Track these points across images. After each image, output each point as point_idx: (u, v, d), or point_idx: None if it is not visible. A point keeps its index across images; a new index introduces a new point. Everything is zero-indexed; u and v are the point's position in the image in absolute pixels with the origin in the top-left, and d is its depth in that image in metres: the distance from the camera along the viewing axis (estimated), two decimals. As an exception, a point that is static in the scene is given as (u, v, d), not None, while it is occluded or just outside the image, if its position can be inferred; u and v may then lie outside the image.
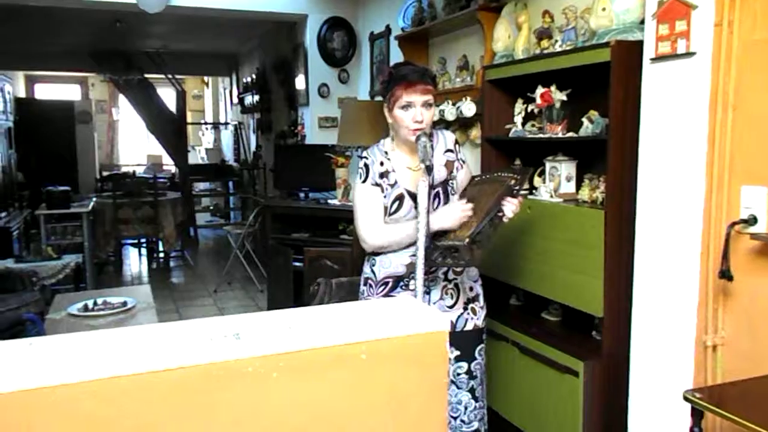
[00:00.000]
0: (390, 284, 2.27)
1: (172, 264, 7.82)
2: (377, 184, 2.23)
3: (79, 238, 6.14)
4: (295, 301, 4.46)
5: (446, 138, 2.33)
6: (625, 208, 2.32)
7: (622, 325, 2.35)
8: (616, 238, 2.35)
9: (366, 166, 2.25)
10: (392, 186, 2.22)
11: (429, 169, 2.01)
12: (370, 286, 2.31)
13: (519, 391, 2.76)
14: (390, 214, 2.23)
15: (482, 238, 2.03)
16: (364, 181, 2.25)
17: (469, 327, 2.30)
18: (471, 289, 2.33)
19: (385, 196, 2.23)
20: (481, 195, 2.13)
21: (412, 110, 2.12)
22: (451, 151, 2.31)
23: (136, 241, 8.06)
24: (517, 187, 2.09)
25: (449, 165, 2.28)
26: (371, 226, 2.22)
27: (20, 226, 6.17)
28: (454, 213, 2.08)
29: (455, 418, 2.30)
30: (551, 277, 2.66)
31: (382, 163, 2.24)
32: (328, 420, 1.16)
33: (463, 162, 2.34)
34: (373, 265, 2.30)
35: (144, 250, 8.22)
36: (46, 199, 6.18)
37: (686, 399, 1.61)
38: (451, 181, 2.28)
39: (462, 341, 2.28)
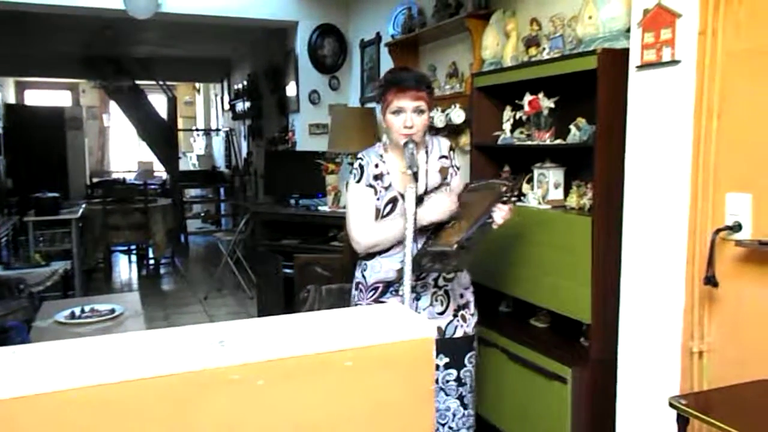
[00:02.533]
0: (380, 289, 2.27)
1: (162, 271, 7.78)
2: (371, 186, 2.23)
3: (68, 245, 6.10)
4: (286, 308, 4.45)
5: (441, 144, 2.34)
6: (612, 215, 2.34)
7: (610, 331, 2.36)
8: (603, 244, 2.36)
9: (361, 166, 2.25)
10: (386, 188, 2.23)
11: (416, 176, 2.02)
12: (361, 291, 2.31)
13: (507, 398, 2.77)
14: (383, 216, 2.23)
15: (471, 243, 2.04)
16: (358, 182, 2.25)
17: (459, 334, 2.31)
18: (461, 296, 2.34)
19: (378, 198, 2.23)
20: (474, 201, 2.14)
21: (403, 115, 2.14)
22: (446, 157, 2.32)
23: (126, 247, 8.03)
24: (507, 195, 2.10)
25: (443, 171, 2.30)
26: (363, 227, 2.22)
27: (8, 233, 6.13)
28: (443, 204, 2.10)
29: (443, 425, 2.30)
30: (539, 283, 2.66)
31: (377, 165, 2.25)
32: (314, 428, 1.16)
33: (458, 169, 2.36)
34: (364, 270, 2.30)
35: (134, 257, 8.18)
36: (34, 205, 6.15)
37: (672, 405, 1.61)
38: (445, 187, 2.29)
39: (451, 348, 2.28)
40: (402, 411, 1.23)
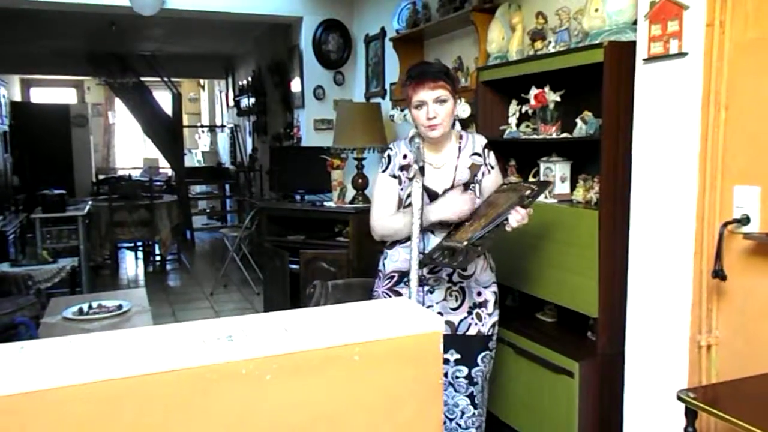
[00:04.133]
0: (395, 278, 2.31)
1: (168, 267, 7.81)
2: (395, 176, 2.27)
3: (75, 242, 6.13)
4: (292, 304, 4.46)
5: (476, 141, 2.33)
6: (619, 209, 2.33)
7: (617, 325, 2.36)
8: (610, 238, 2.36)
9: (389, 156, 2.30)
10: (411, 179, 2.23)
11: (422, 170, 2.02)
12: (379, 278, 2.37)
13: (514, 392, 2.76)
14: (405, 207, 2.25)
15: (482, 242, 2.03)
16: (383, 171, 2.30)
17: (472, 332, 2.30)
18: (479, 294, 2.33)
19: (402, 189, 2.26)
20: (498, 202, 2.15)
21: (425, 108, 2.15)
22: (478, 154, 2.31)
23: (132, 244, 8.05)
24: (529, 199, 2.07)
25: (474, 168, 2.29)
26: (380, 215, 2.28)
27: (16, 230, 6.15)
28: (455, 204, 2.10)
29: (451, 420, 2.30)
30: (546, 277, 2.66)
31: (405, 156, 2.27)
32: (322, 421, 1.16)
33: (492, 167, 2.32)
34: (385, 259, 2.36)
35: (140, 254, 8.21)
36: (41, 202, 6.17)
37: (680, 399, 1.61)
38: (473, 185, 2.27)
39: (463, 345, 2.28)
40: (410, 404, 1.23)
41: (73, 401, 0.96)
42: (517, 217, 2.03)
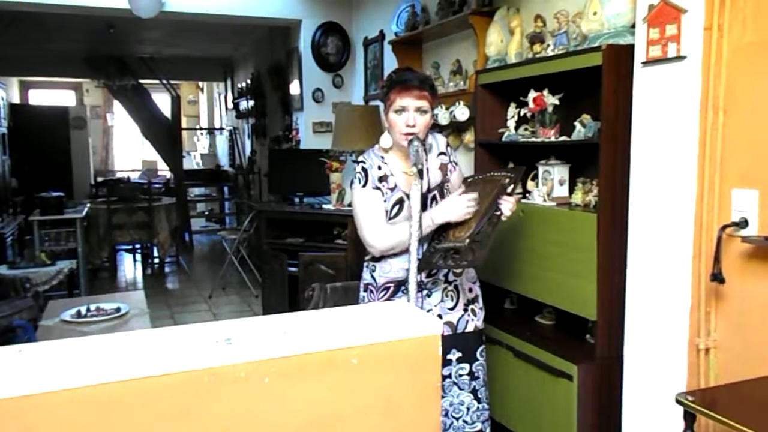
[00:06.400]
0: (391, 289, 2.27)
1: (166, 269, 7.80)
2: (378, 188, 2.22)
3: (73, 244, 6.12)
4: (290, 306, 4.45)
5: (438, 141, 2.35)
6: (617, 212, 2.33)
7: (616, 328, 2.36)
8: (608, 241, 2.36)
9: (364, 170, 2.24)
10: (392, 190, 2.22)
11: (421, 173, 2.01)
12: (371, 291, 2.30)
13: (513, 395, 2.76)
14: (390, 218, 2.23)
15: (482, 237, 2.04)
16: (364, 185, 2.23)
17: (470, 328, 2.31)
18: (470, 290, 2.34)
19: (385, 200, 2.22)
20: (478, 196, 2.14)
21: (405, 114, 2.14)
22: (444, 153, 2.33)
23: (130, 246, 8.04)
24: (511, 186, 2.10)
25: (443, 168, 2.30)
26: (377, 230, 2.20)
27: (14, 233, 6.15)
28: (458, 205, 2.09)
29: (457, 419, 2.30)
30: (545, 280, 2.66)
31: (379, 167, 2.24)
32: (321, 425, 1.16)
33: (456, 164, 2.36)
34: (373, 271, 2.29)
35: (138, 256, 8.19)
36: (39, 205, 6.16)
37: (679, 402, 1.61)
38: (446, 184, 2.29)
39: (463, 343, 2.29)
40: (408, 408, 1.23)
41: (71, 404, 0.96)
42: (508, 206, 2.07)
